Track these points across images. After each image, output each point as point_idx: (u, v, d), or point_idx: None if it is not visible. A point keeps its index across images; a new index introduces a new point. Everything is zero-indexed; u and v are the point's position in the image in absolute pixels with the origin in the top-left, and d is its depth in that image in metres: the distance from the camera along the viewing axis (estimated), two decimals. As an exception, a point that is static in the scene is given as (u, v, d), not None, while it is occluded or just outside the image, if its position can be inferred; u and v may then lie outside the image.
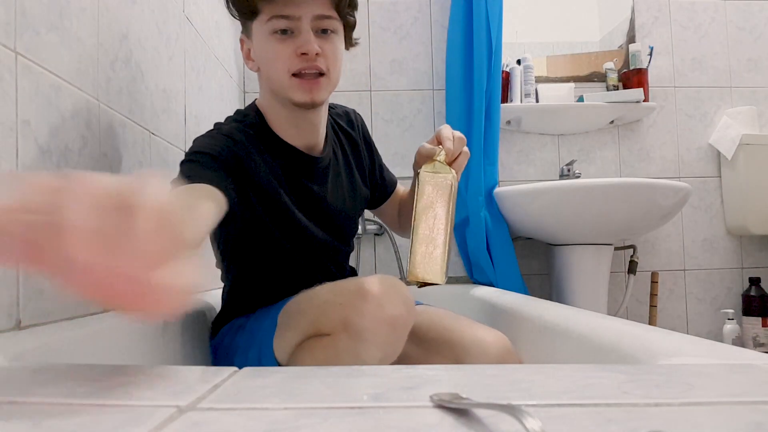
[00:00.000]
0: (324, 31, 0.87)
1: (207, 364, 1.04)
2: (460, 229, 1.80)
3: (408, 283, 0.86)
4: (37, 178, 0.33)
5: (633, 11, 2.04)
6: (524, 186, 1.65)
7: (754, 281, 1.95)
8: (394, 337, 0.74)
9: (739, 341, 1.89)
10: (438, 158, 0.87)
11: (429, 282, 0.84)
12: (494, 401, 0.31)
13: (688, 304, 2.01)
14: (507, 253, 1.75)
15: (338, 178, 1.03)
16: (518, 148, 2.00)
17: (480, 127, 1.75)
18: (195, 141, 0.87)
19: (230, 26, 1.74)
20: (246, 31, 0.93)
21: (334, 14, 0.88)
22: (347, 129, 1.08)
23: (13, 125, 0.65)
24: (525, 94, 1.92)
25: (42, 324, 0.69)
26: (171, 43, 1.17)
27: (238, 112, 0.98)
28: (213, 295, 1.21)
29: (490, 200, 1.75)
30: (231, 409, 0.31)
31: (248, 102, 1.89)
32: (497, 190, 1.74)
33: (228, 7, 0.92)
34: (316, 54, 0.85)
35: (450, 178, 0.86)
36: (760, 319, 1.90)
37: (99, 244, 0.31)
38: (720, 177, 2.03)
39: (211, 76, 1.49)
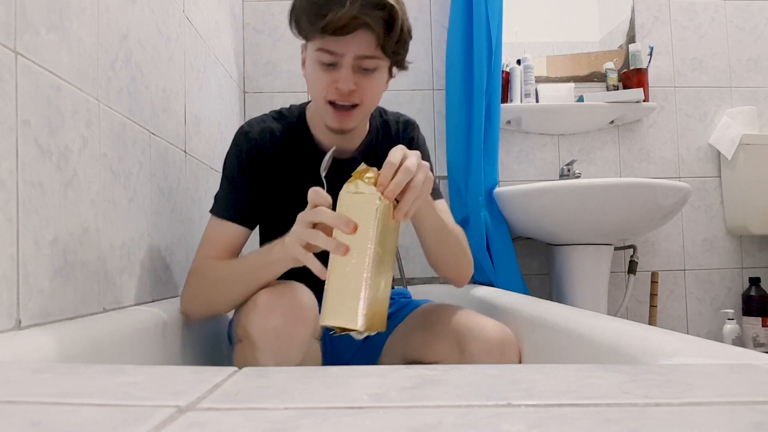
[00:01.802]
0: (366, 69, 0.91)
1: (207, 364, 1.04)
2: (460, 229, 1.80)
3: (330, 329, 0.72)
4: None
5: (633, 11, 2.04)
6: (524, 186, 1.65)
7: (754, 281, 1.95)
8: (280, 346, 0.77)
9: (739, 341, 1.89)
10: (366, 176, 0.71)
11: (342, 327, 0.68)
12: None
13: (688, 304, 2.01)
14: (507, 253, 1.75)
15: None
16: (518, 148, 2.00)
17: (480, 127, 1.75)
18: (232, 147, 1.01)
19: (230, 26, 1.74)
20: (305, 44, 0.98)
21: (378, 54, 0.90)
22: (391, 136, 1.09)
23: (13, 125, 0.65)
24: (525, 94, 1.92)
25: (42, 324, 0.69)
26: (171, 43, 1.17)
27: (291, 107, 1.08)
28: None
29: (490, 200, 1.75)
30: (231, 409, 0.31)
31: (248, 102, 1.92)
32: (497, 190, 1.74)
33: (290, 26, 0.95)
34: (351, 90, 0.90)
35: (374, 198, 0.69)
36: (760, 319, 1.90)
37: None
38: (720, 177, 2.03)
39: (211, 76, 1.49)
